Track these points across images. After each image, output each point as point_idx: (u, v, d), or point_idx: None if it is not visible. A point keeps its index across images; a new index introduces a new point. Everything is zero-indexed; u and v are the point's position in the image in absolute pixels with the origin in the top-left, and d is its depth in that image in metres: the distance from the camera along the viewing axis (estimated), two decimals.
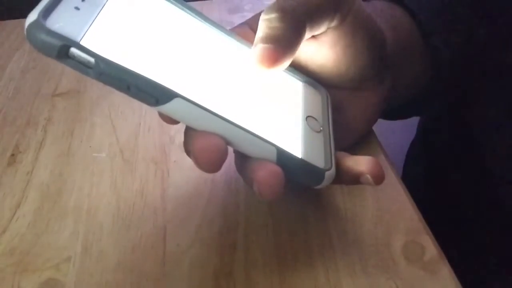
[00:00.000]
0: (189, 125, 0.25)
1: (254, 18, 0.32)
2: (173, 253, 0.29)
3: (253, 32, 0.32)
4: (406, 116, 0.42)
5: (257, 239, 0.30)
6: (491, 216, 0.45)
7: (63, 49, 0.21)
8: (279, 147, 0.25)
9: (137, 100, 0.23)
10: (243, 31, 0.32)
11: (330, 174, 0.26)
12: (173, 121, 0.25)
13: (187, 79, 0.26)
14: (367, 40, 0.31)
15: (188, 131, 0.25)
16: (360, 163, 0.27)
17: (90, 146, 0.37)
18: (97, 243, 0.30)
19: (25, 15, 0.22)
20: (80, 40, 0.22)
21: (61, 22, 0.22)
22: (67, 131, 0.39)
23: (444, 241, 0.30)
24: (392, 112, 0.39)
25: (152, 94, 0.23)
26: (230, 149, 0.25)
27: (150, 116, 0.39)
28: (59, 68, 0.46)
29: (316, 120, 0.29)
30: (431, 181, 0.53)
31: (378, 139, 0.36)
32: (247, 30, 0.32)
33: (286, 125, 0.28)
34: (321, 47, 0.30)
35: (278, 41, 0.26)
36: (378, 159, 0.27)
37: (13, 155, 0.37)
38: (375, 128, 0.36)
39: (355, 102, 0.33)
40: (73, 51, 0.22)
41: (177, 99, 0.23)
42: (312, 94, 0.31)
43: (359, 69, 0.31)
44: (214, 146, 0.24)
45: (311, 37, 0.30)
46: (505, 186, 0.43)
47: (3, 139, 0.39)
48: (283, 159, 0.26)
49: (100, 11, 0.25)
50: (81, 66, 0.22)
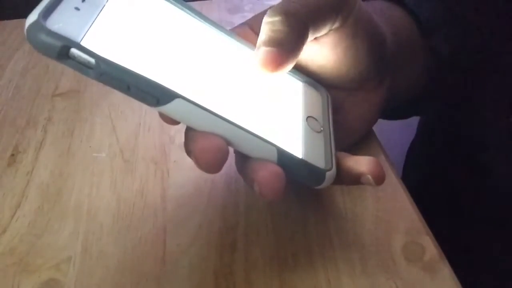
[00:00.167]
0: (190, 125, 0.25)
1: (254, 18, 0.32)
2: (173, 253, 0.29)
3: (253, 32, 0.32)
4: (406, 116, 0.42)
5: (257, 239, 0.30)
6: (491, 216, 0.45)
7: (63, 50, 0.21)
8: (279, 147, 0.25)
9: (138, 101, 0.23)
10: (243, 31, 0.32)
11: (331, 174, 0.26)
12: (173, 122, 0.25)
13: (187, 79, 0.26)
14: (368, 41, 0.31)
15: (189, 132, 0.25)
16: (361, 163, 0.27)
17: (90, 146, 0.37)
18: (97, 243, 0.30)
19: (25, 15, 0.22)
20: (81, 41, 0.22)
21: (61, 23, 0.22)
22: (67, 131, 0.39)
23: (444, 241, 0.30)
24: (392, 112, 0.39)
25: (153, 94, 0.23)
26: (231, 149, 0.25)
27: (150, 116, 0.39)
28: (59, 68, 0.46)
29: (317, 120, 0.29)
30: (431, 181, 0.53)
31: (378, 139, 0.36)
32: (247, 31, 0.32)
33: (287, 125, 0.28)
34: (322, 48, 0.30)
35: (281, 45, 0.26)
36: (378, 159, 0.27)
37: (13, 155, 0.37)
38: (375, 128, 0.36)
39: (355, 103, 0.33)
40: (74, 51, 0.22)
41: (178, 100, 0.23)
42: (313, 95, 0.31)
43: (360, 70, 0.31)
44: (215, 146, 0.24)
45: (313, 38, 0.30)
46: (505, 186, 0.44)
47: (3, 139, 0.39)
48: (283, 159, 0.26)
49: (100, 11, 0.25)
50: (81, 66, 0.22)
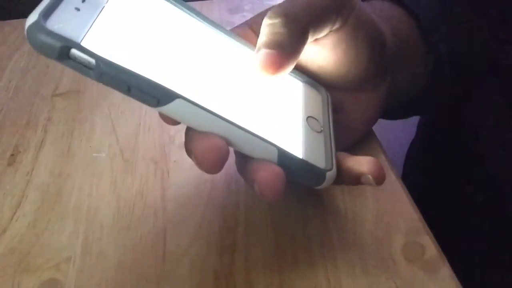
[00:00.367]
0: (190, 125, 0.25)
1: (254, 18, 0.32)
2: (173, 253, 0.29)
3: (253, 32, 0.32)
4: (406, 116, 0.42)
5: (257, 239, 0.30)
6: (491, 216, 0.45)
7: (63, 50, 0.21)
8: (280, 147, 0.25)
9: (138, 101, 0.23)
10: (243, 31, 0.32)
11: (331, 174, 0.26)
12: (174, 122, 0.25)
13: (187, 80, 0.26)
14: (368, 41, 0.31)
15: (189, 132, 0.25)
16: (361, 163, 0.27)
17: (90, 146, 0.37)
18: (97, 243, 0.30)
19: (25, 15, 0.22)
20: (81, 41, 0.22)
21: (61, 23, 0.22)
22: (67, 131, 0.39)
23: (444, 241, 0.30)
24: (392, 112, 0.39)
25: (153, 95, 0.23)
26: (231, 149, 0.25)
27: (150, 116, 0.39)
28: (59, 68, 0.46)
29: (317, 120, 0.29)
30: (431, 181, 0.53)
31: (378, 139, 0.36)
32: (247, 31, 0.32)
33: (287, 125, 0.28)
34: (322, 49, 0.30)
35: (281, 47, 0.26)
36: (378, 159, 0.27)
37: (13, 155, 0.37)
38: (375, 128, 0.36)
39: (355, 103, 0.33)
40: (74, 52, 0.22)
41: (178, 100, 0.23)
42: (313, 95, 0.31)
43: (360, 70, 0.31)
44: (215, 147, 0.24)
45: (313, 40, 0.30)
46: (505, 186, 0.43)
47: (3, 139, 0.39)
48: (284, 159, 0.26)
49: (100, 12, 0.25)
50: (81, 67, 0.22)
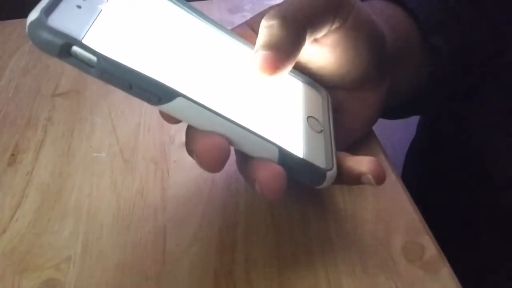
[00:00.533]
0: (191, 124, 0.25)
1: (254, 18, 0.32)
2: (173, 253, 0.29)
3: (253, 32, 0.32)
4: (406, 116, 0.42)
5: (257, 239, 0.30)
6: (491, 216, 0.45)
7: (65, 48, 0.21)
8: (281, 147, 0.25)
9: (139, 99, 0.23)
10: (243, 31, 0.32)
11: (332, 174, 0.26)
12: (174, 120, 0.25)
13: (189, 78, 0.26)
14: (368, 41, 0.30)
15: (190, 131, 0.25)
16: (361, 163, 0.27)
17: (90, 146, 0.37)
18: (97, 243, 0.30)
19: (25, 15, 0.22)
20: (82, 39, 0.22)
21: (63, 20, 0.22)
22: (67, 131, 0.39)
23: (444, 241, 0.30)
24: (392, 112, 0.39)
25: (155, 93, 0.23)
26: (231, 148, 0.25)
27: (150, 116, 0.39)
28: (59, 68, 0.46)
29: (317, 120, 0.29)
30: (431, 181, 0.53)
31: (378, 139, 0.36)
32: (247, 30, 0.32)
33: (288, 125, 0.28)
34: (322, 49, 0.30)
35: (279, 48, 0.26)
36: (378, 159, 0.27)
37: (13, 155, 0.37)
38: (375, 128, 0.36)
39: (355, 103, 0.33)
40: (75, 49, 0.22)
41: (180, 98, 0.23)
42: (313, 95, 0.31)
43: (360, 70, 0.31)
44: (217, 146, 0.24)
45: (311, 40, 0.30)
46: (505, 185, 0.43)
47: (3, 139, 0.39)
48: (285, 159, 0.26)
49: (101, 9, 0.25)
50: (83, 64, 0.22)
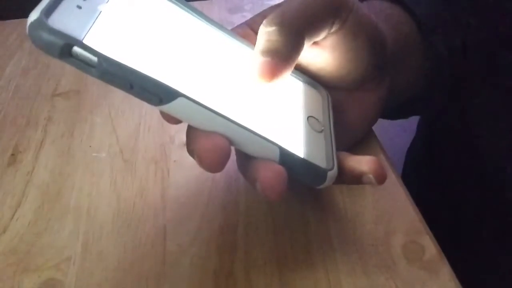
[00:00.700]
0: (192, 124, 0.25)
1: (254, 18, 0.32)
2: (173, 253, 0.29)
3: (253, 32, 0.32)
4: (406, 116, 0.42)
5: (257, 239, 0.30)
6: (491, 216, 0.45)
7: (65, 48, 0.21)
8: (282, 147, 0.25)
9: (140, 99, 0.23)
10: (243, 31, 0.32)
11: (332, 174, 0.26)
12: (175, 121, 0.25)
13: (189, 78, 0.26)
14: (367, 42, 0.30)
15: (191, 131, 0.25)
16: (362, 163, 0.27)
17: (90, 146, 0.37)
18: (97, 243, 0.30)
19: (25, 15, 0.22)
20: (83, 39, 0.22)
21: (63, 21, 0.22)
22: (67, 131, 0.39)
23: (444, 241, 0.30)
24: (392, 112, 0.39)
25: (156, 93, 0.23)
26: (232, 148, 0.25)
27: (150, 116, 0.39)
28: (59, 68, 0.46)
29: (317, 120, 0.29)
30: (431, 181, 0.53)
31: (378, 139, 0.36)
32: (247, 31, 0.32)
33: (288, 125, 0.28)
34: (322, 51, 0.30)
35: (277, 55, 0.27)
36: (378, 159, 0.27)
37: (13, 155, 0.37)
38: (375, 128, 0.36)
39: (355, 103, 0.33)
40: (76, 50, 0.22)
41: (181, 99, 0.23)
42: (313, 95, 0.31)
43: (360, 71, 0.31)
44: (218, 146, 0.24)
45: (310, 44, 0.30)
46: (505, 185, 0.44)
47: (3, 139, 0.39)
48: (286, 158, 0.26)
49: (102, 10, 0.25)
50: (83, 65, 0.22)
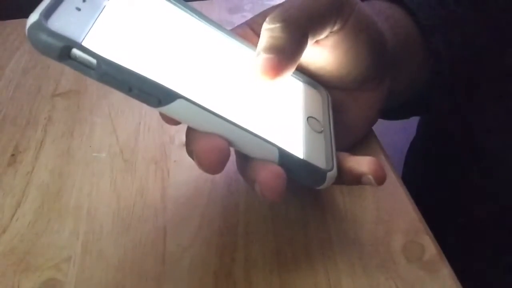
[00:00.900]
0: (191, 126, 0.25)
1: (254, 18, 0.32)
2: (173, 253, 0.29)
3: (253, 32, 0.32)
4: (406, 116, 0.42)
5: (257, 239, 0.30)
6: (491, 216, 0.45)
7: (64, 50, 0.21)
8: (281, 148, 0.25)
9: (139, 101, 0.23)
10: (243, 31, 0.32)
11: (332, 174, 0.26)
12: (174, 122, 0.25)
13: (189, 80, 0.26)
14: (368, 42, 0.31)
15: (190, 132, 0.25)
16: (362, 163, 0.27)
17: (90, 146, 0.37)
18: (97, 243, 0.30)
19: (25, 15, 0.22)
20: (82, 41, 0.22)
21: (62, 23, 0.22)
22: (67, 131, 0.39)
23: (444, 241, 0.30)
24: (392, 112, 0.39)
25: (155, 95, 0.23)
26: (231, 149, 0.25)
27: (150, 116, 0.39)
28: (59, 68, 0.46)
29: (317, 120, 0.29)
30: (431, 181, 0.53)
31: (378, 139, 0.36)
32: (247, 31, 0.32)
33: (288, 125, 0.28)
34: (323, 50, 0.30)
35: (281, 51, 0.26)
36: (378, 159, 0.27)
37: (13, 155, 0.37)
38: (375, 128, 0.36)
39: (355, 103, 0.33)
40: (75, 52, 0.22)
41: (180, 100, 0.23)
42: (313, 95, 0.31)
43: (360, 71, 0.31)
44: (216, 147, 0.24)
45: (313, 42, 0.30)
46: (505, 185, 0.44)
47: (3, 139, 0.39)
48: (285, 159, 0.25)
49: (101, 11, 0.25)
50: (82, 67, 0.22)
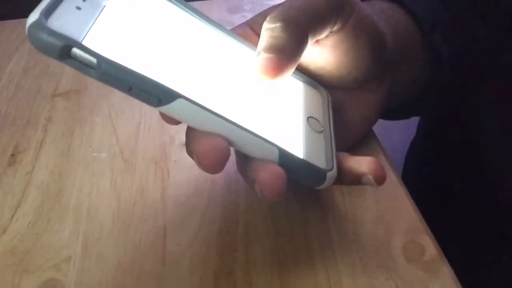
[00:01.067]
0: (192, 125, 0.25)
1: (254, 18, 0.32)
2: (173, 253, 0.29)
3: (253, 32, 0.32)
4: (406, 116, 0.42)
5: (257, 239, 0.30)
6: (491, 216, 0.45)
7: (64, 49, 0.21)
8: (281, 147, 0.25)
9: (139, 101, 0.23)
10: (243, 31, 0.32)
11: (332, 174, 0.26)
12: (174, 122, 0.25)
13: (189, 79, 0.26)
14: (368, 42, 0.31)
15: (190, 132, 0.25)
16: (362, 163, 0.27)
17: (90, 146, 0.37)
18: (97, 243, 0.30)
19: (25, 15, 0.22)
20: (82, 40, 0.22)
21: (62, 22, 0.22)
22: (67, 131, 0.39)
23: (444, 241, 0.30)
24: (392, 112, 0.39)
25: (155, 94, 0.23)
26: (231, 149, 0.25)
27: (150, 116, 0.39)
28: (59, 68, 0.46)
29: (317, 120, 0.29)
30: (431, 181, 0.53)
31: (378, 139, 0.36)
32: (247, 31, 0.32)
33: (288, 125, 0.28)
34: (323, 50, 0.30)
35: (281, 51, 0.26)
36: (378, 160, 0.27)
37: (13, 155, 0.37)
38: (375, 128, 0.36)
39: (355, 103, 0.33)
40: (75, 51, 0.22)
41: (180, 100, 0.23)
42: (313, 95, 0.31)
43: (360, 71, 0.31)
44: (216, 147, 0.24)
45: (313, 42, 0.30)
46: (505, 185, 0.43)
47: (3, 139, 0.39)
48: (285, 159, 0.25)
49: (101, 11, 0.25)
50: (83, 66, 0.22)
